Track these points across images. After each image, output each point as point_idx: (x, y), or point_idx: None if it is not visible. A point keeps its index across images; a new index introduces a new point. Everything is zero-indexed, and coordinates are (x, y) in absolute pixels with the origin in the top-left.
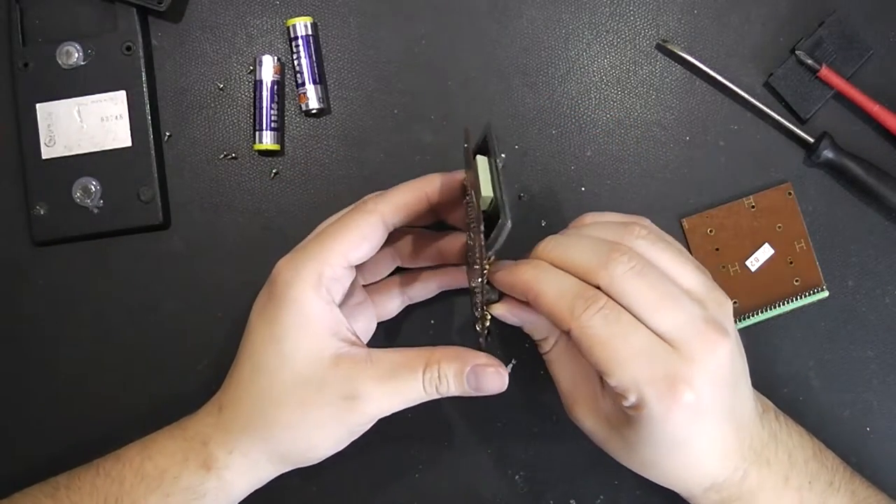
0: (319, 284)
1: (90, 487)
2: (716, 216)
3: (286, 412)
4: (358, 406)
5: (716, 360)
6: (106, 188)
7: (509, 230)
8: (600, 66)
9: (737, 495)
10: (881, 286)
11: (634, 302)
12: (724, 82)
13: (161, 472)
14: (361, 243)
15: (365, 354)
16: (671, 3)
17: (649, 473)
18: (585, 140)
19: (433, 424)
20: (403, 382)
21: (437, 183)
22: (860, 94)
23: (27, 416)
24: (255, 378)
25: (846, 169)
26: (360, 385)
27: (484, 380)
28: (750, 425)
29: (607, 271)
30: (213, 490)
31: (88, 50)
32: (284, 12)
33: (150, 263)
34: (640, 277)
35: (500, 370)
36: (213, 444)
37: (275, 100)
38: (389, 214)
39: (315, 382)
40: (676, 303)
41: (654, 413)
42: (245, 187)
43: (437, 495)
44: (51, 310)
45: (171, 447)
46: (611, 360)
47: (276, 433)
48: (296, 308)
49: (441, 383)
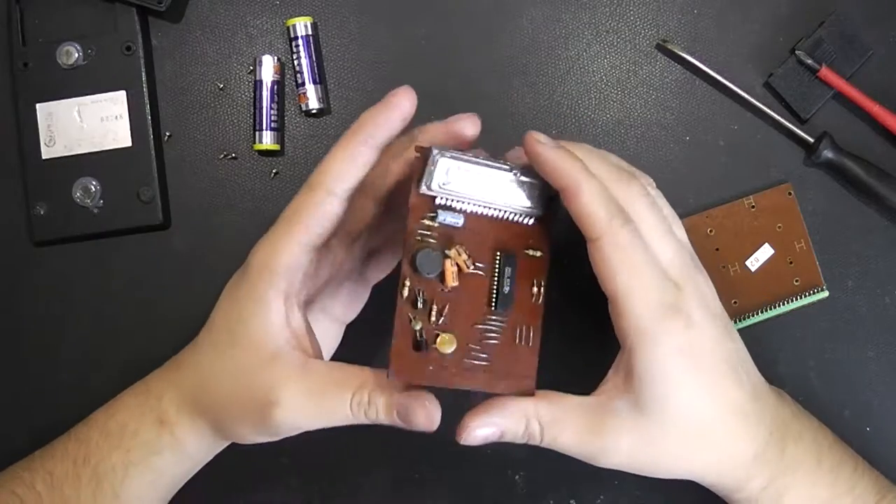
0: (276, 273)
1: (62, 453)
2: (716, 216)
3: (218, 393)
4: (275, 413)
5: (705, 297)
6: (106, 188)
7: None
8: (600, 66)
9: (780, 472)
10: (881, 286)
11: (646, 226)
12: (724, 82)
13: (121, 427)
14: (310, 224)
15: (300, 363)
16: (671, 3)
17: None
18: (585, 140)
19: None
20: (329, 401)
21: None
22: (860, 95)
23: (27, 415)
24: (207, 349)
25: (846, 169)
26: (282, 394)
27: (413, 416)
28: (766, 395)
29: (629, 192)
30: (168, 447)
31: (88, 50)
32: (284, 12)
33: (150, 263)
34: (654, 207)
35: (428, 407)
36: (167, 401)
37: (275, 100)
38: (333, 183)
39: (245, 376)
40: (673, 240)
41: (659, 344)
42: (245, 187)
43: (437, 495)
44: (51, 310)
45: (131, 403)
46: (631, 283)
47: (210, 408)
48: (254, 294)
49: (370, 410)
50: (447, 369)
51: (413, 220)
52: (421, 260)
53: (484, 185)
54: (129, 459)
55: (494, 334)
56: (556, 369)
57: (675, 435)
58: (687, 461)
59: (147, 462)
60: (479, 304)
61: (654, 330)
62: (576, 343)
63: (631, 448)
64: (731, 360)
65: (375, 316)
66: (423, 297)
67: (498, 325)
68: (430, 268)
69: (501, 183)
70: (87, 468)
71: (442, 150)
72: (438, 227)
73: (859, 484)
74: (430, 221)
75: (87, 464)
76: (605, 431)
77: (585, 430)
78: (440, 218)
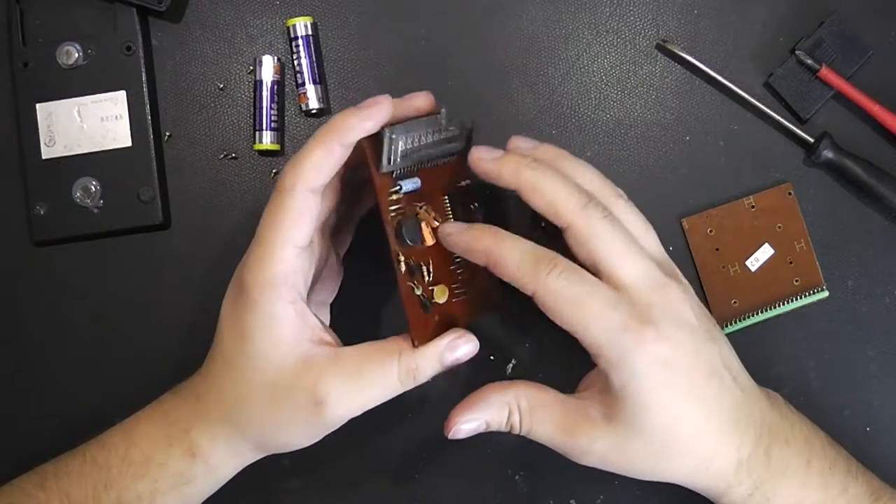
0: (278, 284)
1: (78, 475)
2: (716, 216)
3: (256, 410)
4: (326, 410)
5: (677, 307)
6: (106, 188)
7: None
8: (600, 66)
9: (766, 478)
10: (881, 286)
11: (603, 246)
12: (725, 82)
13: (147, 458)
14: (298, 225)
15: (332, 356)
16: (671, 3)
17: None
18: (585, 140)
19: (433, 424)
20: (375, 380)
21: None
22: (860, 95)
23: (27, 415)
24: (226, 373)
25: (846, 169)
26: (326, 389)
27: (463, 353)
28: (754, 400)
29: (585, 212)
30: (201, 474)
31: (88, 50)
32: (284, 12)
33: (150, 263)
34: (612, 226)
35: (465, 336)
36: (196, 433)
37: (275, 100)
38: (312, 180)
39: (282, 386)
40: (638, 255)
41: (630, 363)
42: (245, 187)
43: (437, 495)
44: (51, 310)
45: (154, 433)
46: (579, 317)
47: (250, 427)
48: (259, 311)
49: (419, 372)
50: (447, 315)
51: (383, 199)
52: (406, 232)
53: (424, 143)
54: (157, 488)
55: (462, 269)
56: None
57: (648, 446)
58: (662, 469)
59: (177, 490)
60: (445, 248)
61: (617, 352)
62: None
63: (604, 453)
64: (711, 368)
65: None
66: (413, 264)
67: (461, 258)
68: (414, 235)
69: (435, 133)
70: (108, 494)
71: (391, 129)
72: (403, 197)
73: (852, 486)
74: (396, 195)
75: (108, 490)
76: (578, 434)
77: (561, 428)
78: (404, 189)
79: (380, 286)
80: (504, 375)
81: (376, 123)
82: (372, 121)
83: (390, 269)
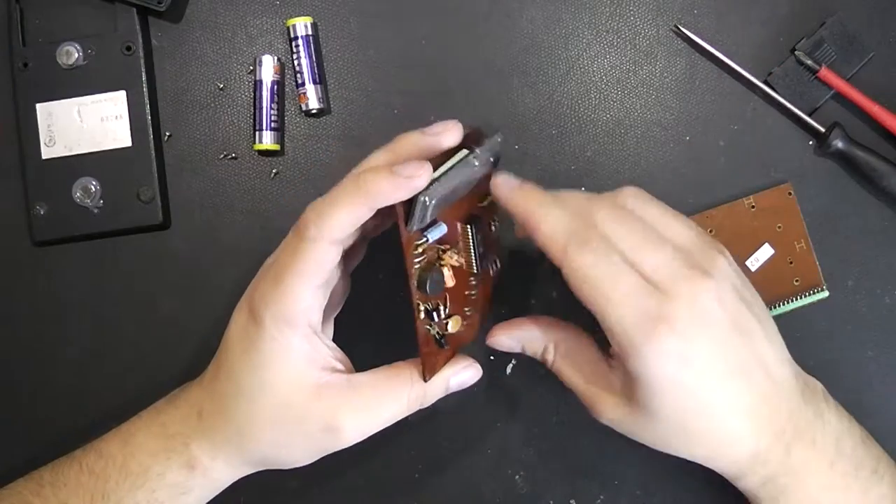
0: (298, 323)
1: (75, 484)
2: (716, 216)
3: (267, 434)
4: (339, 436)
5: (699, 301)
6: (106, 188)
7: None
8: (600, 66)
9: (781, 472)
10: (881, 286)
11: (618, 243)
12: (744, 73)
13: (145, 469)
14: (318, 273)
15: (345, 383)
16: (671, 3)
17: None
18: (585, 140)
19: (433, 424)
20: (386, 406)
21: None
22: (860, 95)
23: (27, 415)
24: (235, 396)
25: (856, 159)
26: (341, 416)
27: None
28: (786, 395)
29: (598, 212)
30: (199, 486)
31: (88, 50)
32: (284, 12)
33: (150, 263)
34: (622, 222)
35: (471, 366)
36: (196, 448)
37: (275, 100)
38: (336, 234)
39: (295, 412)
40: (658, 246)
41: (643, 356)
42: (245, 187)
43: (437, 495)
44: (51, 310)
45: (152, 445)
46: (599, 301)
47: (257, 449)
48: (275, 344)
49: (426, 398)
50: (458, 340)
51: (409, 255)
52: (430, 286)
53: (456, 184)
54: (155, 498)
55: (475, 291)
56: None
57: (659, 428)
58: (674, 448)
59: (175, 500)
60: (463, 276)
61: (633, 343)
62: None
63: (619, 421)
64: (735, 364)
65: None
66: (431, 307)
67: (476, 280)
68: (438, 288)
69: (467, 171)
70: None
71: (427, 194)
72: (428, 245)
73: (876, 488)
74: (421, 244)
75: (106, 500)
76: (599, 398)
77: (586, 384)
78: (430, 239)
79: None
80: (504, 375)
81: (410, 194)
82: (406, 192)
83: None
